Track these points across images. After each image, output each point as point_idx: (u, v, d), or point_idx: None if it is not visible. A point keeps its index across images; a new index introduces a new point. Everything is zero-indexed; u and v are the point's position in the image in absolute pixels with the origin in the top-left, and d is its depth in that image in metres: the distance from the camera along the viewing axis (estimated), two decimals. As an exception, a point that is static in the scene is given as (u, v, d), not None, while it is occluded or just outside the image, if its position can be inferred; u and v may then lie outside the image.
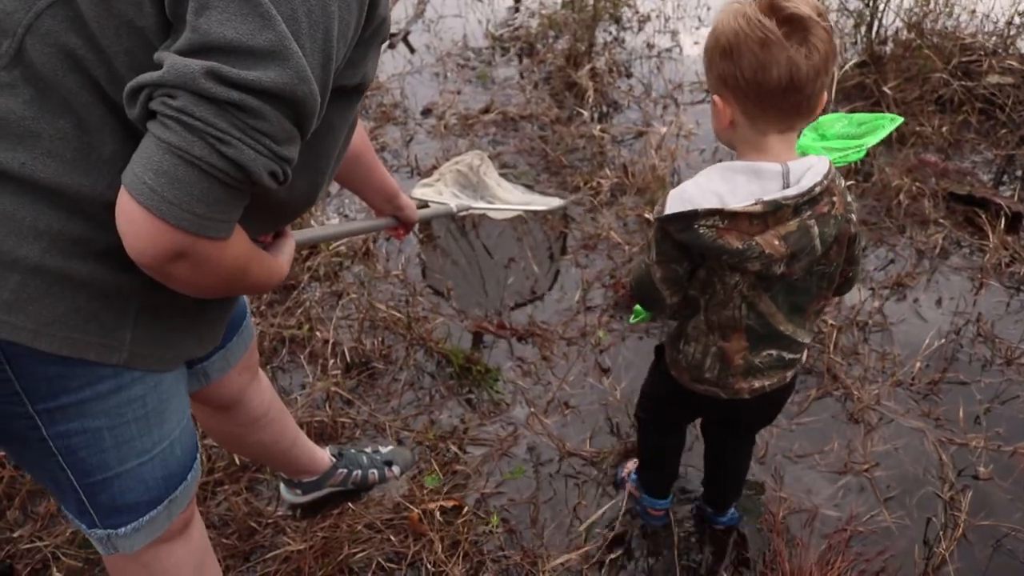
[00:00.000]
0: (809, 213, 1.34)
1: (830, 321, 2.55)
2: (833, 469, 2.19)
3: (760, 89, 1.27)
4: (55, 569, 2.08)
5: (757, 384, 1.57)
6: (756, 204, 1.32)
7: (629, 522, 2.09)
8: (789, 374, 1.61)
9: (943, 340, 2.51)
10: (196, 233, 0.97)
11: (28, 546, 2.14)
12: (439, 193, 2.87)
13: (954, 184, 3.07)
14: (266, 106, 0.94)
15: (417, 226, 2.10)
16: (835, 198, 1.36)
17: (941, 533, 2.02)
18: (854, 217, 1.42)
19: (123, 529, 1.33)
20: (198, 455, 1.42)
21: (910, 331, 2.56)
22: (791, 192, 1.32)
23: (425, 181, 3.01)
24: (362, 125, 1.71)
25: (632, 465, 2.16)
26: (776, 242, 1.34)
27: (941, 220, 2.93)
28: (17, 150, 1.01)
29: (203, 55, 0.91)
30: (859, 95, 3.56)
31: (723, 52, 1.29)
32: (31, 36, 0.99)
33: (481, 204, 2.83)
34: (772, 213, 1.33)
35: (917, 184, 3.04)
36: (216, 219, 0.98)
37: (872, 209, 3.03)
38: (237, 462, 2.28)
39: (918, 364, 2.43)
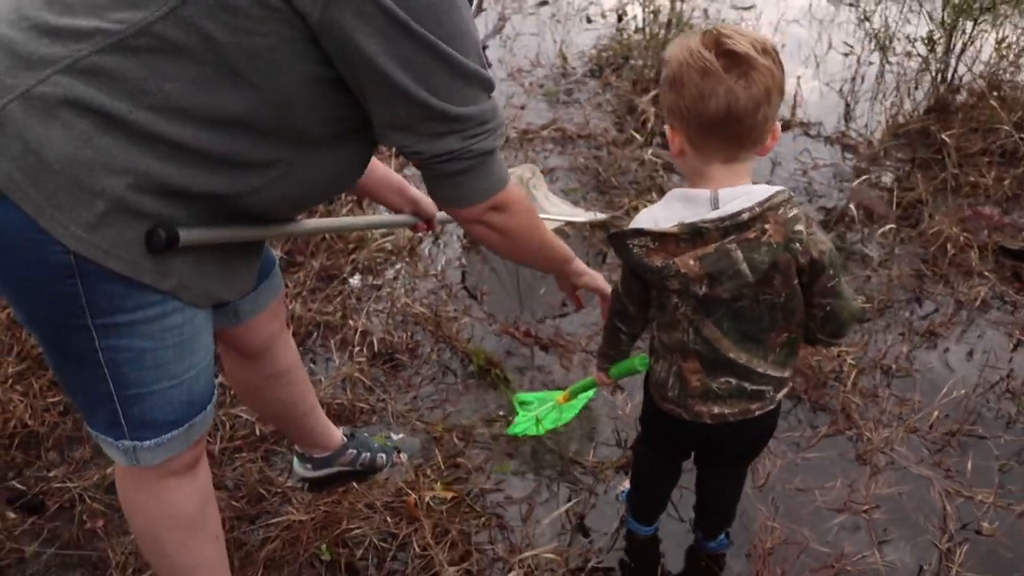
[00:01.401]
0: (732, 238, 1.38)
1: (850, 360, 2.53)
2: (832, 506, 2.18)
3: (700, 118, 1.34)
4: (80, 509, 2.24)
5: (716, 410, 1.60)
6: (675, 226, 1.40)
7: (618, 534, 2.13)
8: (755, 407, 1.61)
9: (965, 391, 2.46)
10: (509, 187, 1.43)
11: (59, 486, 2.31)
12: None
13: (1007, 238, 3.00)
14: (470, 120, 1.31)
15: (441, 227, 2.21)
16: (768, 225, 1.37)
17: (930, 582, 2.00)
18: (799, 247, 1.40)
19: (147, 443, 1.48)
20: (215, 391, 1.57)
21: (935, 380, 2.52)
22: (710, 216, 1.38)
23: None
24: None
25: (625, 484, 2.20)
26: (691, 262, 1.41)
27: (987, 273, 2.88)
28: (125, 100, 1.18)
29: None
30: (921, 141, 3.51)
31: (669, 83, 1.37)
32: (171, 17, 1.17)
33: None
34: (698, 236, 1.39)
35: (966, 235, 2.99)
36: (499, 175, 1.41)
37: (916, 256, 2.99)
38: (257, 432, 2.41)
39: (935, 413, 2.39)
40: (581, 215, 3.10)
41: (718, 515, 2.03)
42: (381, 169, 1.91)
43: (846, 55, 4.23)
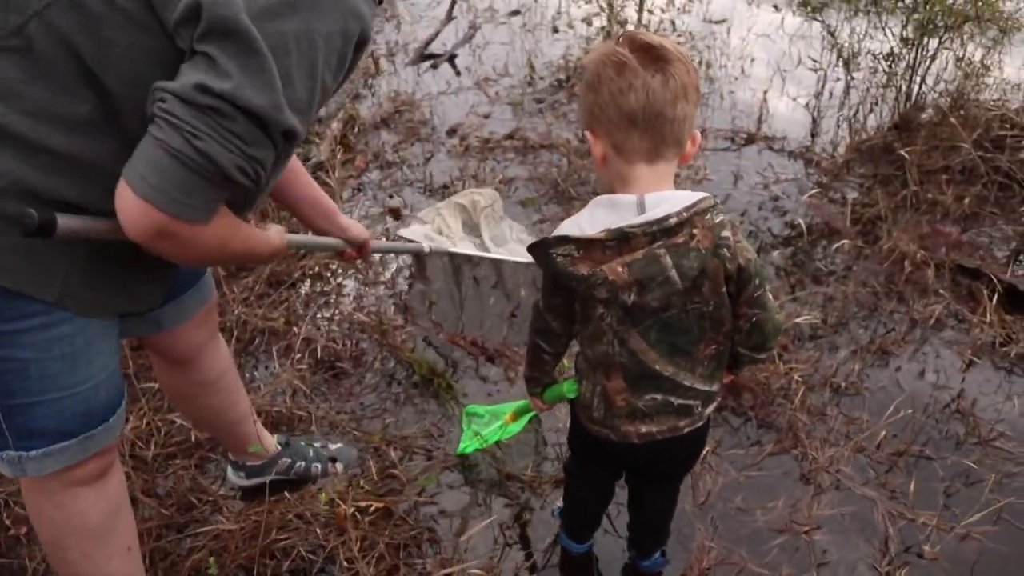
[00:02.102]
0: (661, 243, 1.34)
1: (798, 377, 2.49)
2: (773, 527, 2.13)
3: (621, 113, 1.31)
4: (5, 514, 2.17)
5: (644, 429, 1.55)
6: (602, 232, 1.35)
7: (552, 550, 2.08)
8: (683, 423, 1.56)
9: (914, 411, 2.43)
10: (174, 215, 1.15)
11: (-17, 492, 2.24)
12: (429, 232, 2.96)
13: (964, 257, 2.98)
14: (237, 112, 1.11)
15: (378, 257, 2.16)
16: (696, 230, 1.34)
17: (867, 606, 1.95)
18: (727, 253, 1.38)
19: (33, 452, 1.42)
20: (123, 403, 1.51)
21: (885, 399, 2.48)
22: (637, 220, 1.34)
23: (423, 216, 3.06)
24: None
25: (560, 501, 2.14)
26: (620, 269, 1.36)
27: (942, 291, 2.85)
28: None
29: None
30: (884, 157, 3.50)
31: (588, 85, 1.34)
32: (37, 20, 1.14)
33: (457, 248, 2.85)
34: (624, 241, 1.34)
35: (924, 252, 2.96)
36: (191, 204, 1.16)
37: (873, 272, 2.96)
38: (193, 439, 2.34)
39: (883, 433, 2.35)
40: (520, 256, 2.99)
41: (652, 533, 1.98)
42: (313, 191, 1.86)
43: (814, 70, 4.21)
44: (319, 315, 2.77)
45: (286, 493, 2.20)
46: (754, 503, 2.19)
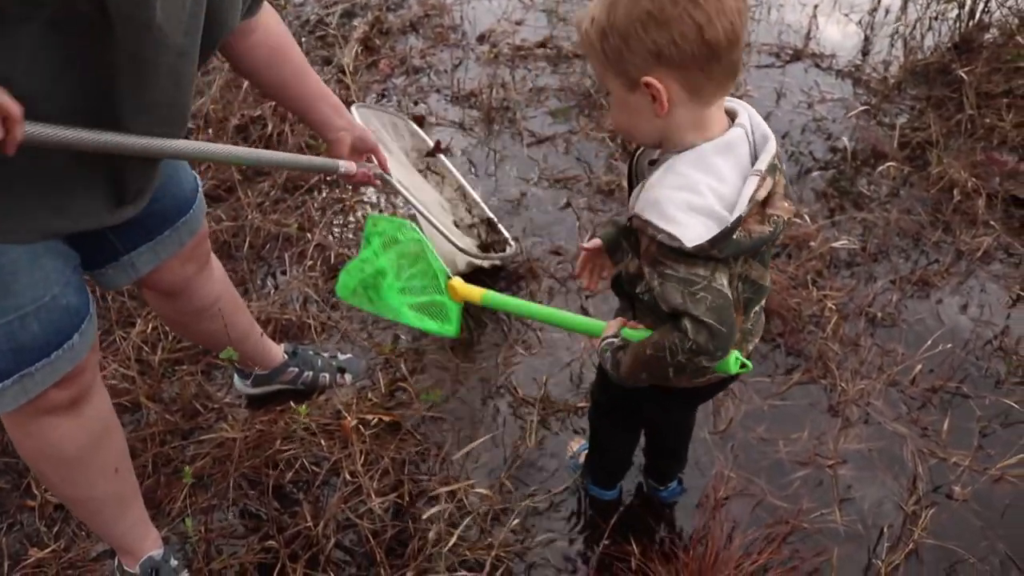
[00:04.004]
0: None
1: (831, 305, 2.36)
2: (796, 459, 2.04)
3: (707, 49, 1.10)
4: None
5: (751, 347, 1.41)
6: (764, 180, 1.17)
7: (555, 475, 2.00)
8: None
9: (954, 346, 2.29)
10: None
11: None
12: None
13: (1020, 187, 2.79)
14: None
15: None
16: None
17: (889, 546, 1.86)
18: None
19: None
20: (77, 335, 1.37)
21: (923, 332, 2.35)
22: (772, 147, 1.20)
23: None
24: (284, 28, 1.62)
25: (576, 446, 2.02)
26: (786, 203, 1.22)
27: (993, 222, 2.67)
28: None
29: None
30: (939, 78, 3.27)
31: (649, 20, 1.09)
32: None
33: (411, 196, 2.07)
34: (771, 173, 1.20)
35: (976, 181, 2.78)
36: None
37: (918, 200, 2.78)
38: (200, 346, 2.29)
39: (919, 367, 2.23)
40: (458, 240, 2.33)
41: (670, 457, 1.90)
42: (316, 82, 1.69)
43: (871, -16, 3.94)
44: (334, 222, 2.67)
45: (292, 403, 2.15)
46: (777, 433, 2.09)
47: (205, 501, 1.96)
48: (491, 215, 2.48)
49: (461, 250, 2.26)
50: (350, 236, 2.64)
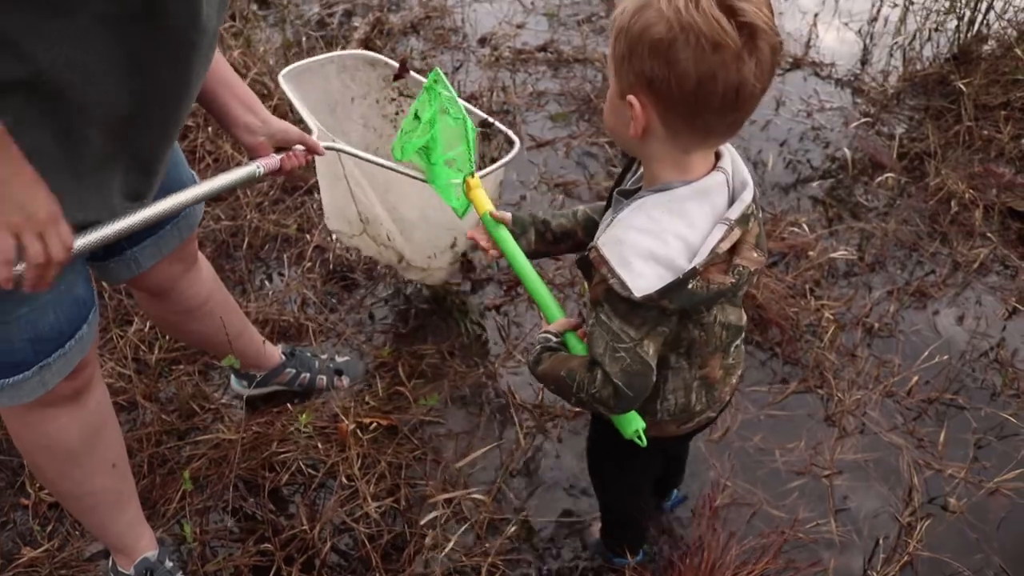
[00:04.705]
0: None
1: (828, 315, 2.37)
2: (792, 468, 2.05)
3: (697, 101, 1.04)
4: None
5: (735, 380, 1.40)
6: (732, 230, 1.13)
7: (549, 481, 2.01)
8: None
9: (950, 357, 2.30)
10: None
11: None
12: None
13: (1017, 200, 2.80)
14: None
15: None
16: None
17: (885, 557, 1.87)
18: None
19: None
20: (86, 325, 1.38)
21: (919, 343, 2.36)
22: (748, 196, 1.16)
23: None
24: None
25: (598, 529, 1.89)
26: (755, 254, 1.17)
27: (990, 234, 2.69)
28: None
29: None
30: (938, 89, 3.28)
31: (656, 46, 1.02)
32: None
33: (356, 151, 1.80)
34: (745, 223, 1.17)
35: (973, 192, 2.79)
36: None
37: (916, 211, 2.79)
38: (193, 346, 2.28)
39: (915, 378, 2.23)
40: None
41: (674, 475, 1.90)
42: (229, 72, 1.50)
43: (870, -6, 3.96)
44: (342, 242, 2.66)
45: (289, 405, 2.14)
46: (774, 443, 2.10)
47: (201, 503, 1.95)
48: (483, 115, 2.10)
49: (455, 183, 1.78)
50: (349, 238, 2.63)
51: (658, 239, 1.12)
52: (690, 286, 1.12)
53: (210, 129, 2.97)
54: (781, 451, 2.08)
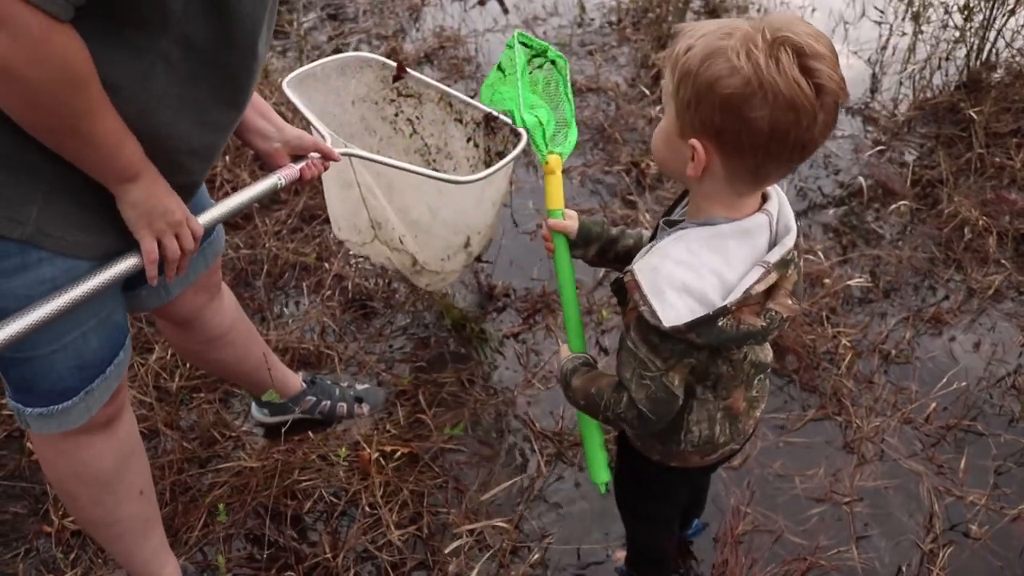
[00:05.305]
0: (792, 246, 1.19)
1: (845, 342, 2.38)
2: (812, 495, 2.05)
3: (766, 154, 1.06)
4: (26, 440, 2.15)
5: (759, 413, 1.41)
6: (769, 274, 1.13)
7: (571, 510, 2.01)
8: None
9: (967, 384, 2.31)
10: None
11: (9, 414, 2.22)
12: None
13: (1029, 227, 2.82)
14: None
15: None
16: None
17: (908, 583, 1.87)
18: None
19: (31, 411, 1.36)
20: (123, 352, 1.41)
21: (937, 370, 2.36)
22: (790, 241, 1.17)
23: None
24: None
25: (622, 554, 1.91)
26: (789, 301, 1.17)
27: (1004, 261, 2.70)
28: None
29: None
30: (948, 117, 3.31)
31: (728, 100, 1.02)
32: None
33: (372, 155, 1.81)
34: (784, 268, 1.18)
35: (986, 219, 2.81)
36: None
37: (930, 238, 2.81)
38: (215, 375, 2.29)
39: (933, 405, 2.24)
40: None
41: (696, 507, 1.90)
42: None
43: (878, 23, 3.99)
44: (352, 252, 2.69)
45: (310, 433, 2.16)
46: (793, 469, 2.10)
47: (223, 530, 1.96)
48: (488, 109, 2.02)
49: (465, 181, 1.85)
50: (367, 267, 2.66)
51: (694, 272, 1.13)
52: (720, 323, 1.13)
53: (227, 158, 3.00)
54: (801, 478, 2.08)
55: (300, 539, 1.94)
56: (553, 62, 1.73)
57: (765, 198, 1.20)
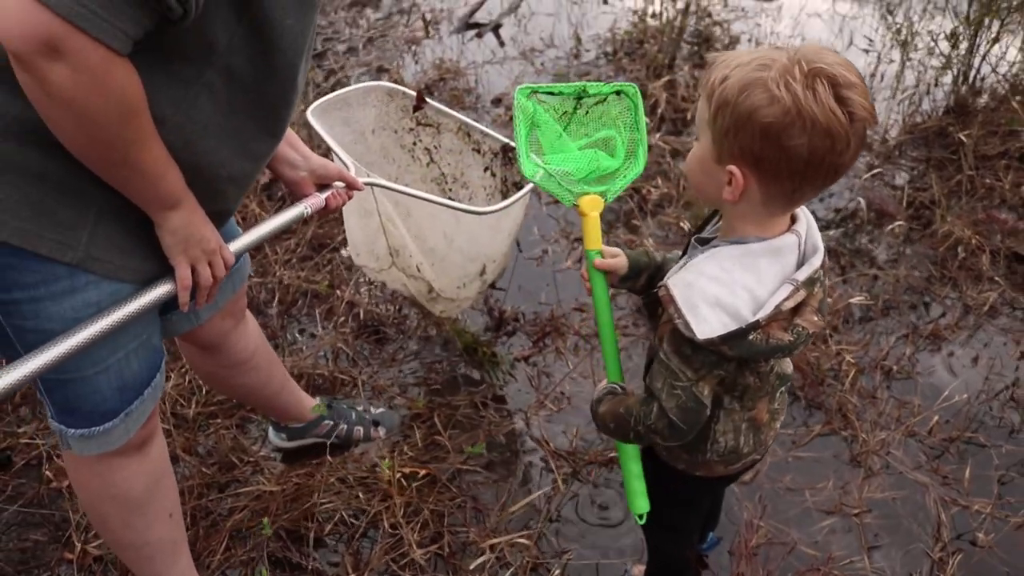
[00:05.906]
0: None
1: (849, 359, 2.44)
2: (822, 508, 2.10)
3: (802, 179, 1.12)
4: (47, 467, 2.18)
5: (778, 425, 1.47)
6: (797, 291, 1.19)
7: (588, 525, 2.05)
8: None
9: (968, 397, 2.37)
10: (73, 22, 0.93)
11: (28, 442, 2.25)
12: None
13: (1021, 244, 2.90)
14: None
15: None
16: None
17: (919, 591, 1.91)
18: None
19: (73, 432, 1.39)
20: (159, 374, 1.46)
21: (937, 384, 2.42)
22: (817, 261, 1.22)
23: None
24: None
25: (638, 570, 1.95)
26: (815, 318, 1.22)
27: (997, 278, 2.78)
28: None
29: None
30: (938, 141, 3.41)
31: (768, 130, 1.08)
32: None
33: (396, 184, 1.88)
34: (811, 286, 1.23)
35: (979, 238, 2.89)
36: (101, 15, 0.95)
37: (925, 257, 2.89)
38: (235, 399, 2.33)
39: (935, 418, 2.30)
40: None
41: (709, 519, 1.95)
42: None
43: (866, 51, 4.11)
44: (362, 278, 2.74)
45: (328, 457, 2.19)
46: (803, 483, 2.15)
47: (244, 553, 1.99)
48: (505, 140, 2.05)
49: (485, 212, 1.92)
50: (378, 293, 2.71)
51: (727, 288, 1.18)
52: (751, 337, 1.18)
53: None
54: (811, 491, 2.13)
55: (322, 561, 1.97)
56: (617, 92, 1.56)
57: (794, 219, 1.25)
